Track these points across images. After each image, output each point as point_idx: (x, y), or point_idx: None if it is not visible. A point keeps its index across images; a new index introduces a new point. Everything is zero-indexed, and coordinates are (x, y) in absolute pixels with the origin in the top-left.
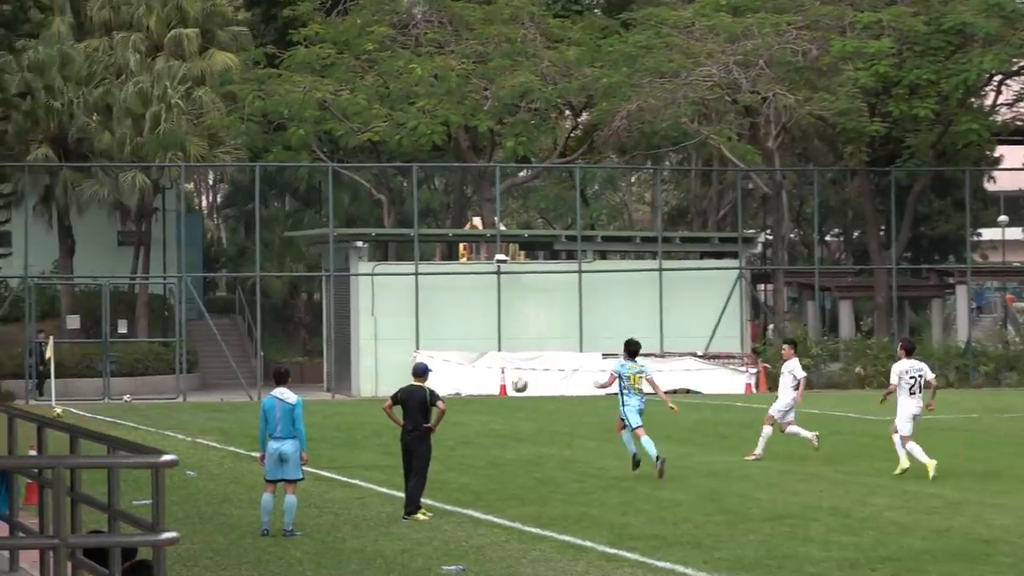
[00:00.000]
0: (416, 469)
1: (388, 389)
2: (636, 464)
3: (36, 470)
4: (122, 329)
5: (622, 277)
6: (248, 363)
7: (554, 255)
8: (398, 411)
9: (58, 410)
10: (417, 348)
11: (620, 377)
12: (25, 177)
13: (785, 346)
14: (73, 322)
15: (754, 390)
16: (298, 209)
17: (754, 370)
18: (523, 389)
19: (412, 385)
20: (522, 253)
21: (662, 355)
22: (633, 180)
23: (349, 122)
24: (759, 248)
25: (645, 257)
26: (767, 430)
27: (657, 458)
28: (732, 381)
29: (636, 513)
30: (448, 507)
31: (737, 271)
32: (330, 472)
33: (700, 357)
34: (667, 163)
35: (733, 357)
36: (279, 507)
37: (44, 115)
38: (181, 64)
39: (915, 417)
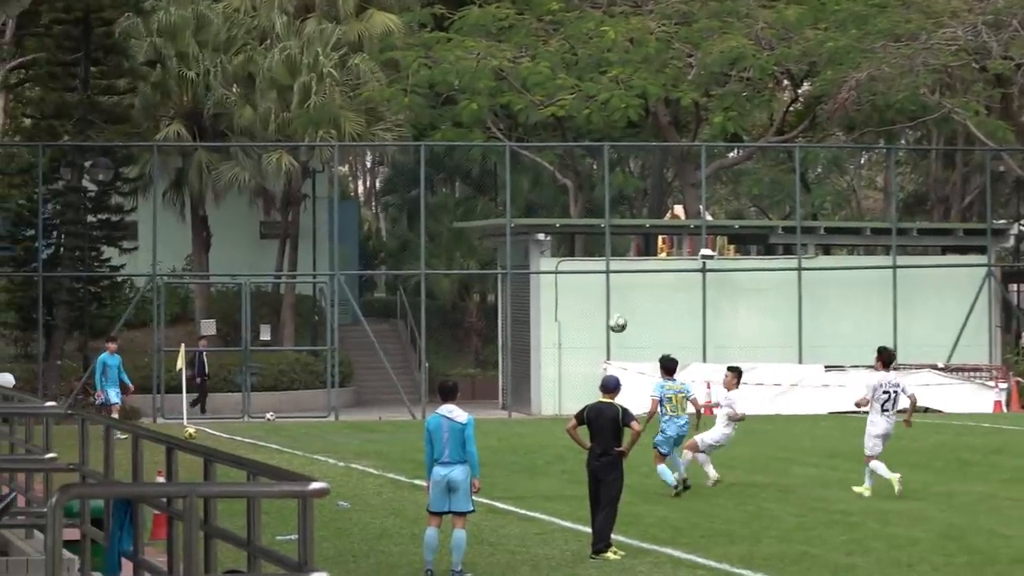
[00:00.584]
0: (605, 500)
1: (573, 407)
2: (685, 487)
3: (165, 499)
4: (265, 336)
5: (849, 276)
6: (411, 375)
7: (769, 250)
8: (584, 432)
9: (191, 430)
10: (608, 359)
11: (661, 401)
12: (154, 159)
13: (728, 373)
14: (208, 327)
15: (1004, 408)
16: (470, 196)
17: (1004, 385)
18: (622, 328)
19: (601, 402)
20: (731, 247)
21: (896, 367)
22: (863, 162)
23: (530, 94)
24: (1012, 241)
25: (876, 252)
26: (697, 457)
27: (676, 486)
28: (979, 398)
29: (864, 553)
30: (643, 544)
31: (986, 268)
32: (506, 503)
33: (941, 370)
34: (903, 141)
35: (980, 370)
36: (445, 544)
37: (176, 87)
38: (335, 27)
39: (886, 437)
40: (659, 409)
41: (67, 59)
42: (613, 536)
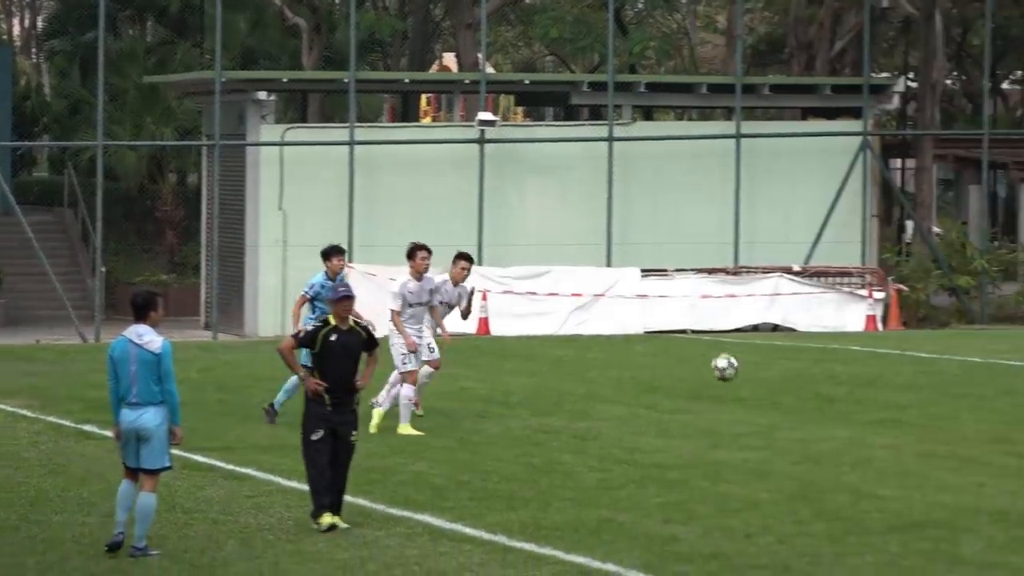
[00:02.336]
0: (343, 452)
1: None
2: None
3: None
4: None
5: (677, 148)
6: (81, 284)
7: (571, 114)
8: (312, 361)
9: None
10: (349, 260)
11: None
12: None
13: (461, 261)
14: None
15: (880, 326)
16: (167, 41)
17: (881, 295)
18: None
19: (335, 318)
20: (520, 111)
21: (735, 271)
22: None
23: None
24: (895, 103)
25: (715, 116)
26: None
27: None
28: (847, 312)
29: (687, 520)
30: (392, 510)
31: (860, 139)
32: (208, 456)
33: (797, 274)
34: None
35: (850, 275)
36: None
37: None
38: None
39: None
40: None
41: None
42: (347, 498)
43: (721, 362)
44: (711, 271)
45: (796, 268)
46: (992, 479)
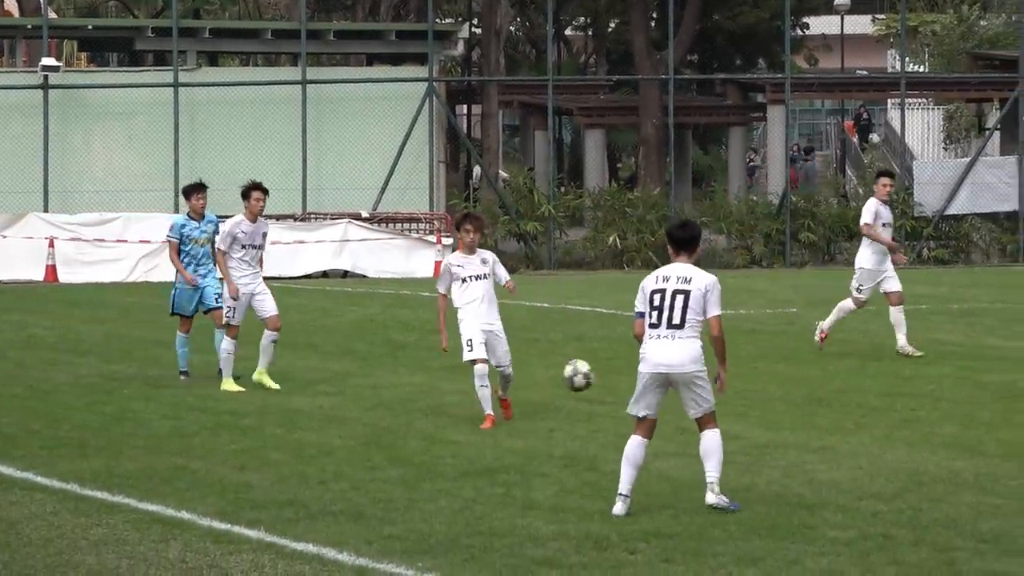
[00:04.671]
0: None
1: None
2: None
3: None
4: None
5: (245, 95)
6: None
7: (136, 59)
8: None
9: None
10: None
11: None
12: None
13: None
14: None
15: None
16: None
17: (449, 240)
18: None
19: None
20: (84, 56)
21: (304, 217)
22: None
23: None
24: (460, 49)
25: (281, 63)
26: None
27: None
28: (415, 258)
29: (261, 467)
30: None
31: (425, 85)
32: None
33: (366, 220)
34: None
35: (418, 220)
36: None
37: None
38: None
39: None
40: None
41: None
42: None
43: (568, 370)
44: (279, 218)
45: (364, 214)
46: (562, 424)
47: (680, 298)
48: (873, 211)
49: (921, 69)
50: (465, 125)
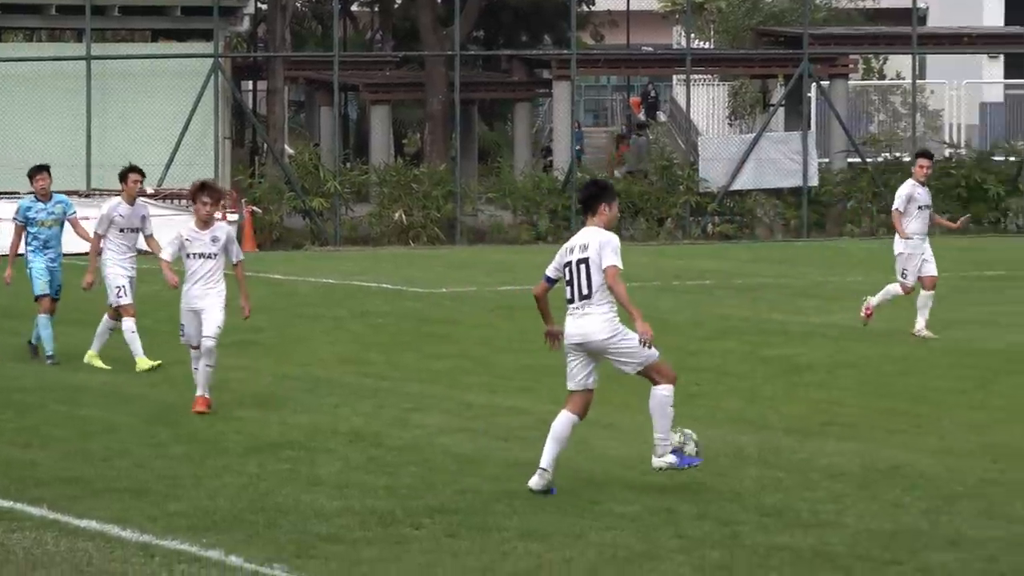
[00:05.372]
0: None
1: None
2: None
3: None
4: None
5: (28, 70)
6: None
7: None
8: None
9: None
10: None
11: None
12: None
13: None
14: None
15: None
16: None
17: (235, 216)
18: None
19: None
20: None
21: (88, 194)
22: None
23: None
24: (246, 24)
25: (66, 38)
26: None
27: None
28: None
29: (46, 445)
30: None
31: (211, 61)
32: None
33: (151, 197)
34: None
35: None
36: None
37: None
38: None
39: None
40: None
41: None
42: None
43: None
44: (68, 192)
45: (149, 190)
46: (347, 400)
47: (583, 267)
48: (906, 196)
49: (707, 45)
50: (251, 101)
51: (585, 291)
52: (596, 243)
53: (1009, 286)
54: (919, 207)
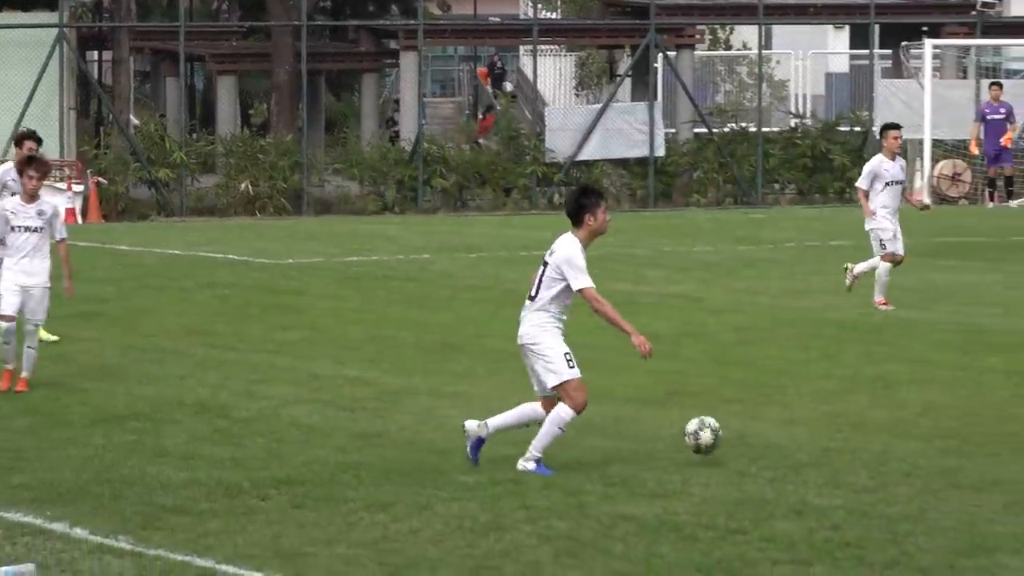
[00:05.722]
0: None
1: None
2: None
3: None
4: None
5: None
6: None
7: None
8: None
9: None
10: None
11: None
12: None
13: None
14: None
15: (79, 218)
16: None
17: (80, 188)
18: None
19: None
20: None
21: None
22: None
23: None
24: None
25: None
26: None
27: None
28: None
29: None
30: None
31: (56, 31)
32: None
33: None
34: None
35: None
36: None
37: None
38: None
39: None
40: None
41: None
42: None
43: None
44: None
45: None
46: (194, 371)
47: (540, 270)
48: (868, 172)
49: (554, 16)
50: (96, 71)
51: (533, 293)
52: (560, 256)
53: (853, 256)
54: (886, 183)
